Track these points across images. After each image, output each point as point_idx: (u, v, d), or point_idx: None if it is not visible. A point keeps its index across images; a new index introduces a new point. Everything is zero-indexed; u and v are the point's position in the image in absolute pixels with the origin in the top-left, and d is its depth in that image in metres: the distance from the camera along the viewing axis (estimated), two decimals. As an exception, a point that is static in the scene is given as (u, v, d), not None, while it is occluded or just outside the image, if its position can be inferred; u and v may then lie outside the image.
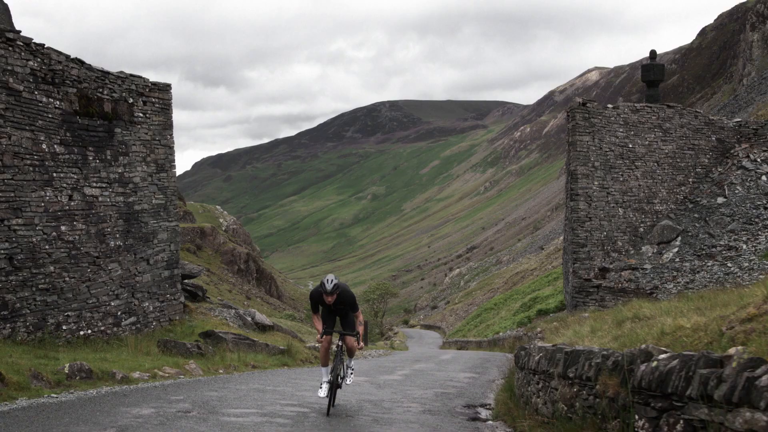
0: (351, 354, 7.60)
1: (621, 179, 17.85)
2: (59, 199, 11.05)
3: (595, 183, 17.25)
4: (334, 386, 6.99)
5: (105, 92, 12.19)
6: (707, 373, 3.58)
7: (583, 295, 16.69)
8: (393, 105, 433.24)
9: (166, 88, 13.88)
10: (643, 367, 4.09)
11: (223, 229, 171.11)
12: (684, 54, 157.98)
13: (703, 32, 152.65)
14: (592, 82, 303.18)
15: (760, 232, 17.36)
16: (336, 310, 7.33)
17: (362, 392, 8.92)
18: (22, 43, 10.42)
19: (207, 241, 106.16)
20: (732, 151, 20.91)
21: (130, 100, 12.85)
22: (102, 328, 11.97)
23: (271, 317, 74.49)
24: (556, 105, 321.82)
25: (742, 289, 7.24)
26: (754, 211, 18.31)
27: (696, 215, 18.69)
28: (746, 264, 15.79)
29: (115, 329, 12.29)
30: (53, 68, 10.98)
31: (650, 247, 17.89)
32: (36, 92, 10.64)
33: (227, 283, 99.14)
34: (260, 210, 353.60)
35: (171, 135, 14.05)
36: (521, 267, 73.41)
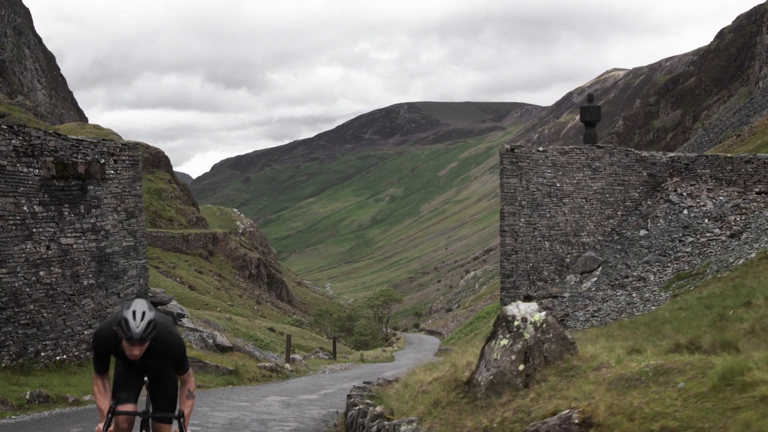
0: None
1: (548, 215, 19.98)
2: (38, 249, 13.57)
3: (522, 220, 19.42)
4: None
5: (79, 156, 14.71)
6: (361, 420, 5.90)
7: (508, 320, 18.86)
8: (411, 107, 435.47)
9: (135, 147, 16.38)
10: (353, 410, 6.41)
11: (240, 231, 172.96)
12: (702, 56, 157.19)
13: (721, 34, 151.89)
14: (610, 84, 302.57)
15: (670, 264, 19.40)
16: (145, 367, 4.44)
17: (265, 412, 11.27)
18: (5, 126, 12.94)
19: (219, 247, 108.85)
20: (663, 185, 22.91)
21: (102, 161, 15.36)
22: (76, 353, 14.48)
23: (278, 323, 76.04)
24: (574, 106, 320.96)
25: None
26: (670, 243, 20.32)
27: (619, 246, 20.76)
28: (647, 295, 17.87)
29: (87, 354, 14.78)
30: (33, 143, 13.50)
31: (574, 276, 20.01)
32: (18, 164, 13.17)
33: (238, 288, 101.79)
34: (278, 212, 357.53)
35: (140, 186, 16.54)
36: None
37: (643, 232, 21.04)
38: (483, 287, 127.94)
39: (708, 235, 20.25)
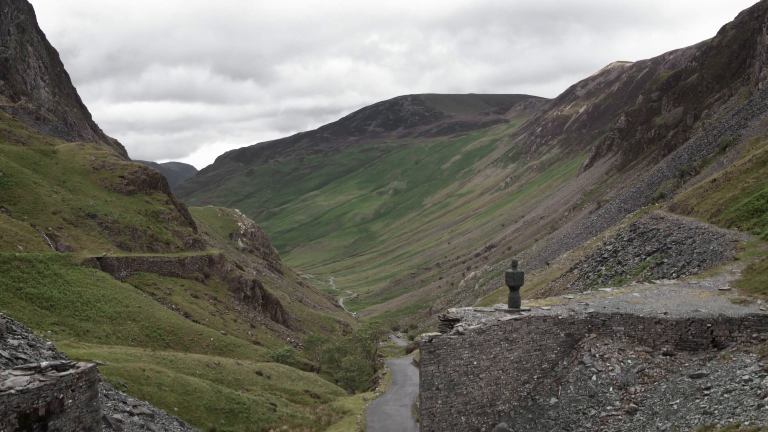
0: None
1: (464, 393, 22.47)
2: (4, 496, 16.27)
3: (439, 402, 21.93)
4: None
5: (40, 402, 17.33)
6: None
7: (424, 495, 21.49)
8: (415, 99, 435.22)
9: (92, 369, 18.96)
10: None
11: (241, 232, 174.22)
12: (704, 52, 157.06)
13: (724, 30, 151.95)
14: (614, 77, 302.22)
15: (569, 442, 21.90)
16: None
17: None
18: (-26, 406, 15.58)
19: (215, 269, 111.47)
20: (580, 342, 25.30)
21: (61, 396, 17.98)
22: None
23: (270, 349, 77.97)
24: (578, 100, 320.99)
25: None
26: (574, 416, 22.76)
27: (530, 416, 23.26)
28: (541, 483, 20.42)
29: None
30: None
31: (487, 446, 22.57)
32: (-15, 433, 15.81)
33: (233, 311, 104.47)
34: (282, 204, 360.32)
35: (96, 401, 19.17)
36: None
37: (553, 400, 23.50)
38: (484, 287, 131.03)
39: (609, 408, 22.70)
